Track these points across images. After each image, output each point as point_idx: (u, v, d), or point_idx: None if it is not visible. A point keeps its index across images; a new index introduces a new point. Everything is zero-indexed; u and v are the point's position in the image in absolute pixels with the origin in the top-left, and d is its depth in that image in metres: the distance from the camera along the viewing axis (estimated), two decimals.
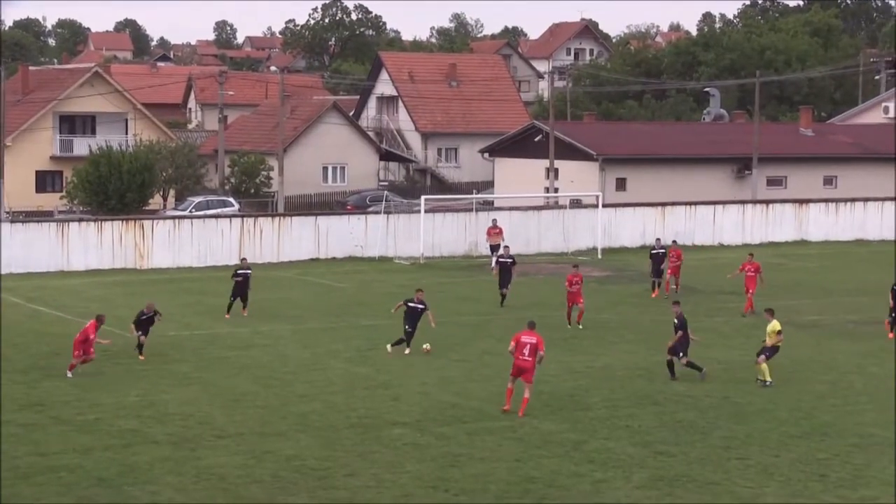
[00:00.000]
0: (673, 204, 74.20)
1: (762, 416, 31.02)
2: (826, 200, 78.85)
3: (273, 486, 24.94)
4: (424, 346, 38.43)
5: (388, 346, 38.67)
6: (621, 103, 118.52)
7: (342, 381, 35.15)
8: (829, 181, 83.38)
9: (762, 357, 34.62)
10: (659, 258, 52.50)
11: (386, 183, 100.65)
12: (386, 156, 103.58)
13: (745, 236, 74.45)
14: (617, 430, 29.75)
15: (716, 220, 74.65)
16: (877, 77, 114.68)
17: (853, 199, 78.91)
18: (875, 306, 48.32)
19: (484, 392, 33.78)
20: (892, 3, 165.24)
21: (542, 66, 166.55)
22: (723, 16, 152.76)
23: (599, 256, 66.43)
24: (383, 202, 73.00)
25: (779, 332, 34.65)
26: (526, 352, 30.80)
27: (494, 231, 62.12)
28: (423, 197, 70.60)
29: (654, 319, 44.55)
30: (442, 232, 67.70)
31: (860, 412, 31.69)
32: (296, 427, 29.70)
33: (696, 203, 75.03)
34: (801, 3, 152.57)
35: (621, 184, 78.44)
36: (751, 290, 47.56)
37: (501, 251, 53.23)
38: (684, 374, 35.72)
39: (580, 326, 43.86)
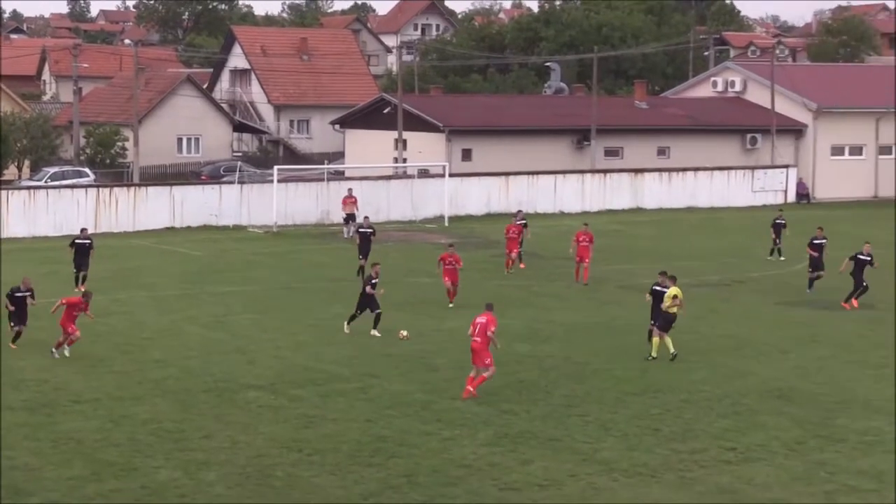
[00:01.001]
0: (516, 174, 74.69)
1: (600, 375, 31.43)
2: (660, 170, 79.98)
3: (130, 449, 24.65)
4: (402, 333, 35.46)
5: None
6: (467, 77, 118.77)
7: (198, 346, 34.84)
8: (662, 151, 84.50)
9: (657, 331, 33.15)
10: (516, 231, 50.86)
11: (239, 154, 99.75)
12: (239, 127, 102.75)
13: (585, 204, 75.23)
14: (462, 390, 29.89)
15: (556, 189, 75.34)
16: (706, 53, 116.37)
17: (684, 169, 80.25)
18: (705, 270, 49.35)
19: (336, 355, 33.75)
20: None
21: (390, 41, 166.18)
22: None
23: (446, 224, 66.71)
24: (237, 172, 72.58)
25: (674, 297, 32.91)
26: (476, 332, 29.42)
27: (350, 200, 61.75)
28: (275, 167, 70.04)
29: (500, 284, 44.84)
30: (294, 201, 67.41)
31: (691, 370, 32.23)
32: (152, 392, 29.37)
33: (538, 173, 75.60)
34: None
35: (467, 154, 78.67)
36: (586, 260, 46.93)
37: (361, 220, 52.16)
38: (522, 336, 36.04)
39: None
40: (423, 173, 74.14)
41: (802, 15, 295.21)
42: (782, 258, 52.71)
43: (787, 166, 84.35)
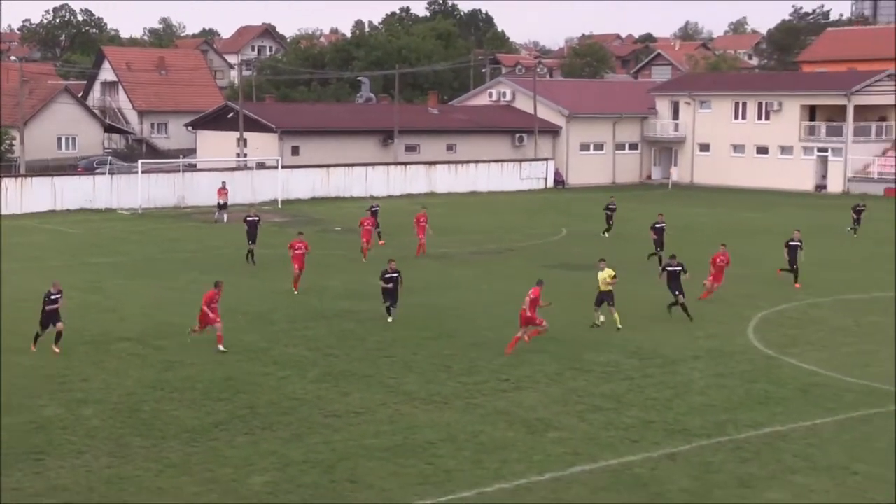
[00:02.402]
0: (335, 165, 74.68)
1: (404, 324, 31.48)
2: (449, 162, 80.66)
3: (20, 391, 23.89)
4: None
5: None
6: (295, 89, 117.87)
7: (78, 307, 33.78)
8: (450, 147, 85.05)
9: (601, 308, 31.16)
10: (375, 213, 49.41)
11: (110, 150, 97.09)
12: (109, 129, 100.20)
13: (390, 190, 75.42)
14: (295, 338, 29.75)
15: (367, 177, 75.32)
16: (483, 70, 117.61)
17: (468, 161, 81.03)
18: (485, 241, 49.83)
19: (192, 313, 33.04)
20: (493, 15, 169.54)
21: (233, 59, 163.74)
22: (371, 22, 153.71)
23: (279, 206, 66.14)
24: (108, 165, 71.20)
25: (614, 277, 31.02)
26: (526, 306, 28.17)
27: (223, 191, 59.99)
28: (140, 161, 69.02)
29: (323, 254, 44.56)
30: (156, 189, 66.22)
31: (475, 319, 32.55)
32: (40, 345, 28.41)
33: (352, 165, 75.66)
34: (429, 13, 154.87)
35: (296, 150, 78.02)
36: (422, 236, 45.94)
37: (250, 212, 45.97)
38: (342, 295, 35.96)
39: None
40: (261, 166, 73.45)
41: (557, 41, 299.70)
42: (606, 235, 52.77)
43: (546, 159, 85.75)
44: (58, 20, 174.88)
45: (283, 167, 70.95)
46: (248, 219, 44.14)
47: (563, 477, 18.95)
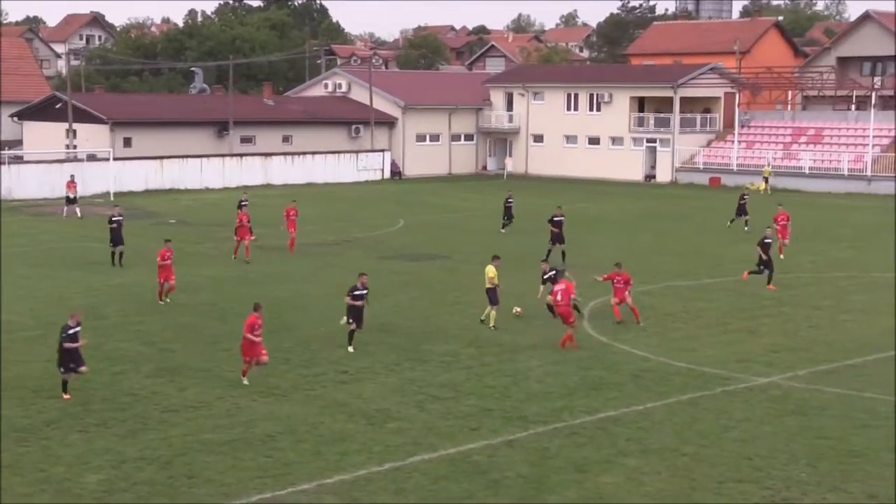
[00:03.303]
0: (169, 157, 73.38)
1: (240, 317, 30.82)
2: (285, 154, 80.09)
3: None
4: (516, 309, 31.51)
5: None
6: (126, 79, 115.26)
7: None
8: (286, 139, 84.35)
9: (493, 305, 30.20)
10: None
11: None
12: None
13: (226, 181, 74.49)
14: (129, 333, 29.10)
15: (202, 169, 74.25)
16: (318, 61, 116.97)
17: (304, 153, 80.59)
18: (322, 232, 49.57)
19: (20, 308, 32.10)
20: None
21: (60, 48, 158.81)
22: (203, 12, 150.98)
23: (112, 199, 64.49)
24: None
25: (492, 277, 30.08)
26: (560, 298, 27.72)
27: (72, 184, 57.62)
28: None
29: (158, 247, 43.48)
30: None
31: (312, 311, 32.39)
32: None
33: (187, 156, 74.45)
34: (262, 3, 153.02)
35: (128, 141, 76.20)
36: (293, 231, 44.61)
37: (112, 211, 41.81)
38: (178, 287, 35.34)
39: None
40: (92, 158, 71.46)
41: (392, 32, 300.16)
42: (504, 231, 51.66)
43: (383, 150, 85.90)
44: None
45: (114, 159, 69.34)
46: (113, 219, 40.65)
47: (403, 467, 19.04)
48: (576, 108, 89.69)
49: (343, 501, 17.50)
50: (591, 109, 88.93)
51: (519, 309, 31.40)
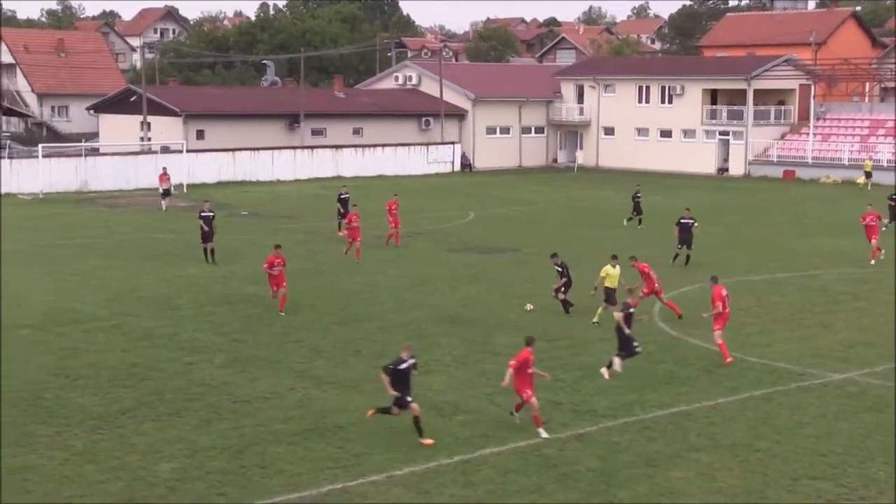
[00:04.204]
0: (241, 149, 74.06)
1: (311, 309, 31.35)
2: (355, 146, 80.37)
3: None
4: (528, 306, 31.37)
5: None
6: (199, 72, 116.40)
7: None
8: (357, 132, 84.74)
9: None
10: (343, 201, 46.34)
11: (8, 134, 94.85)
12: (7, 112, 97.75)
13: (297, 174, 75.06)
14: (201, 324, 29.42)
15: (274, 161, 74.85)
16: (389, 54, 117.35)
17: (375, 145, 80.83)
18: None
19: (95, 299, 32.64)
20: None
21: (135, 42, 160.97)
22: (275, 5, 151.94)
23: (185, 191, 65.25)
24: (6, 149, 69.54)
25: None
26: (726, 304, 26.10)
27: (165, 176, 58.12)
28: (40, 145, 67.62)
29: (229, 238, 44.03)
30: (57, 173, 65.01)
31: (382, 303, 32.56)
32: None
33: (258, 149, 75.08)
34: None
35: (201, 134, 77.10)
36: (396, 224, 43.87)
37: (203, 206, 40.44)
38: (248, 280, 35.68)
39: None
40: (165, 150, 72.36)
41: (462, 25, 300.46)
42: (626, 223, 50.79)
43: (453, 143, 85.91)
44: None
45: (187, 151, 70.08)
46: (202, 214, 39.58)
47: (473, 459, 19.03)
48: (647, 101, 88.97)
49: (412, 493, 17.54)
50: (662, 102, 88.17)
51: (531, 306, 30.99)
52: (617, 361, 24.02)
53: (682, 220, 39.67)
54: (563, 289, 31.11)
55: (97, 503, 17.00)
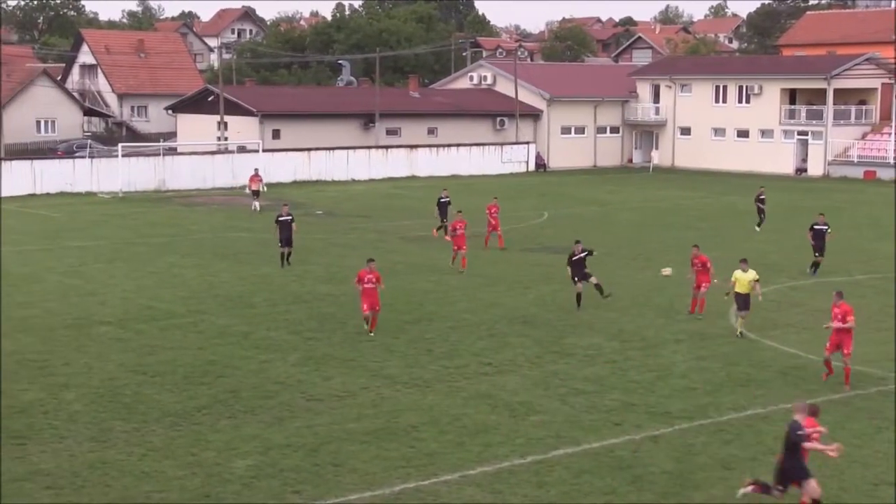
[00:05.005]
0: (316, 149, 74.57)
1: (385, 308, 31.23)
2: (430, 146, 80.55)
3: None
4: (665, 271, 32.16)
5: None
6: (275, 72, 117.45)
7: (57, 291, 33.75)
8: (431, 131, 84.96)
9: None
10: (442, 205, 46.00)
11: (89, 133, 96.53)
12: (88, 112, 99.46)
13: (371, 173, 75.38)
14: (276, 322, 29.69)
15: (349, 161, 75.25)
16: (464, 54, 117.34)
17: (449, 145, 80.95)
18: (469, 224, 49.60)
19: (172, 296, 33.10)
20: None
21: (212, 42, 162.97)
22: (351, 5, 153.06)
23: (264, 189, 65.77)
24: (87, 149, 70.90)
25: (757, 280, 28.44)
26: (840, 318, 23.98)
27: (256, 178, 58.03)
28: (120, 144, 68.79)
29: (305, 237, 44.34)
30: (136, 172, 66.02)
31: (455, 303, 32.58)
32: (16, 328, 28.32)
33: (333, 148, 75.54)
34: None
35: (276, 133, 77.80)
36: (499, 229, 43.44)
37: (282, 210, 39.30)
38: (322, 279, 35.91)
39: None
40: (242, 149, 73.19)
41: (537, 24, 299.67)
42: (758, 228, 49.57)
43: (527, 143, 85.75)
44: (35, 2, 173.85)
45: (263, 151, 70.80)
46: (280, 219, 38.41)
47: (546, 460, 18.98)
48: (724, 101, 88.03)
49: (485, 492, 17.54)
50: (739, 101, 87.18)
51: (668, 271, 30.41)
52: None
53: (815, 227, 38.07)
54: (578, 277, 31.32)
55: (174, 500, 17.23)
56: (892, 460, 19.18)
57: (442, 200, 46.47)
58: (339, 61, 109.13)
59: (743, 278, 28.15)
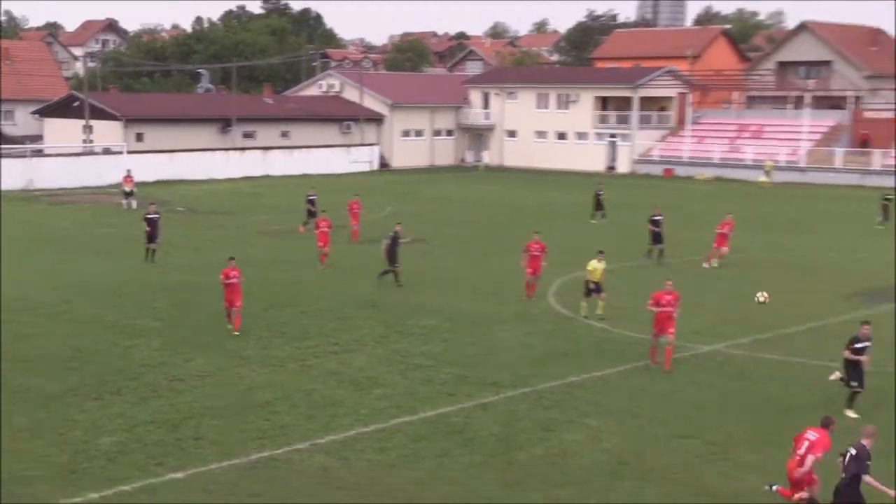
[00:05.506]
0: (179, 151, 73.16)
1: (249, 295, 30.90)
2: (283, 148, 79.90)
3: None
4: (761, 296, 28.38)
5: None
6: (138, 80, 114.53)
7: None
8: (285, 134, 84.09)
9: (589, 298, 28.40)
10: (311, 202, 45.40)
11: None
12: None
13: (229, 173, 74.27)
14: (142, 310, 29.06)
15: (208, 162, 73.99)
16: (314, 64, 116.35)
17: (301, 147, 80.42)
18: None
19: (43, 289, 32.02)
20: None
21: (78, 52, 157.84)
22: (209, 18, 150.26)
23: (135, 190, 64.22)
24: None
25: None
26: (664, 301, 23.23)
27: (129, 178, 56.13)
28: None
29: (170, 233, 43.42)
30: (4, 172, 63.50)
31: (308, 290, 32.42)
32: None
33: (194, 150, 74.24)
34: (263, 11, 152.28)
35: (140, 137, 75.85)
36: (355, 223, 43.07)
37: (149, 208, 38.57)
38: (184, 269, 35.28)
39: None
40: (107, 151, 71.22)
41: (381, 37, 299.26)
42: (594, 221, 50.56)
43: (372, 144, 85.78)
44: None
45: (128, 153, 69.07)
46: (148, 217, 37.44)
47: (387, 428, 19.14)
48: (546, 107, 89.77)
49: (333, 459, 17.60)
50: (559, 108, 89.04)
51: (765, 296, 27.12)
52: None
53: (653, 218, 38.53)
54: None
55: (41, 475, 16.75)
56: (684, 417, 19.96)
57: (310, 198, 46.06)
58: (199, 70, 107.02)
59: (598, 268, 28.35)
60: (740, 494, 16.33)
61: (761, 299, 22.04)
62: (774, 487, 15.59)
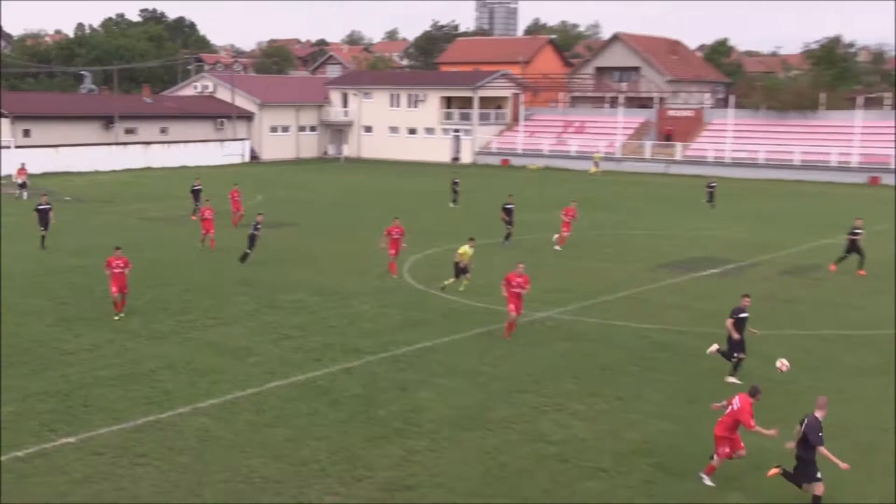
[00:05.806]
0: (64, 145, 70.42)
1: (132, 276, 30.00)
2: (162, 142, 77.68)
3: None
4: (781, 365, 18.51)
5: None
6: (23, 80, 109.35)
7: None
8: (164, 130, 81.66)
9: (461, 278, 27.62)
10: (195, 192, 43.39)
11: None
12: None
13: (112, 165, 71.96)
14: (33, 291, 27.83)
15: (92, 156, 71.44)
16: (188, 67, 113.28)
17: (178, 142, 78.37)
18: (189, 206, 48.25)
19: None
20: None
21: None
22: (91, 25, 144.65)
23: (14, 180, 61.17)
24: None
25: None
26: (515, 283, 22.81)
27: (23, 171, 53.25)
28: None
29: (58, 220, 41.56)
30: None
31: (188, 270, 31.60)
32: None
33: (78, 145, 71.53)
34: (141, 19, 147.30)
35: (27, 132, 72.44)
36: (237, 209, 41.75)
37: (41, 199, 36.83)
38: (73, 252, 33.94)
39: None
40: None
41: (250, 43, 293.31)
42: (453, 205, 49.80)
43: (243, 139, 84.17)
44: None
45: (16, 147, 65.88)
46: (40, 207, 35.93)
47: (262, 391, 18.88)
48: (398, 105, 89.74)
49: (214, 420, 17.26)
50: (409, 106, 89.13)
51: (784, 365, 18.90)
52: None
53: (506, 206, 38.26)
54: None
55: None
56: (520, 375, 20.32)
57: (195, 188, 44.75)
58: (82, 72, 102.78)
59: (468, 252, 27.83)
60: (571, 440, 16.75)
61: (783, 369, 17.00)
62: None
